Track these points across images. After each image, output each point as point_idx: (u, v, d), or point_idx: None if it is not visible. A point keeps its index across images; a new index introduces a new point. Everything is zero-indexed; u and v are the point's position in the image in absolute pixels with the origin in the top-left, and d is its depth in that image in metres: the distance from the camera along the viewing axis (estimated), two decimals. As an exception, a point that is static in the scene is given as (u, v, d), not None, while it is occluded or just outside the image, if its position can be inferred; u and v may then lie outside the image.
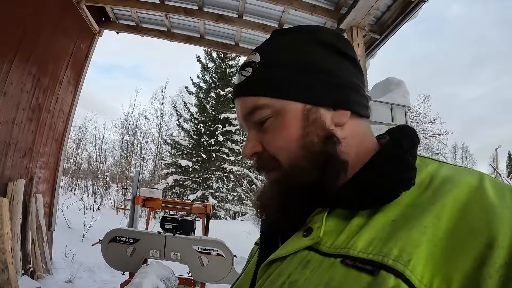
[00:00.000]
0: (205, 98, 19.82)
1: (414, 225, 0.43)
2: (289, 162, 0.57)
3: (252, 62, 0.62)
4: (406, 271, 0.39)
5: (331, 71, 0.59)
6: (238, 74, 0.64)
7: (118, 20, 5.91)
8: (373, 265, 0.42)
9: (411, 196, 0.48)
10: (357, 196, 0.50)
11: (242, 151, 0.63)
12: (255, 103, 0.60)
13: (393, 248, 0.42)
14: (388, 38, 4.72)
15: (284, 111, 0.58)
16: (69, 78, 5.60)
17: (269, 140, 0.60)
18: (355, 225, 0.49)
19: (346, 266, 0.44)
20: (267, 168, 0.61)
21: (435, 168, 0.53)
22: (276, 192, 0.59)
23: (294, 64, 0.59)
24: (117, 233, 3.88)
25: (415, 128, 7.89)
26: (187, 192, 18.15)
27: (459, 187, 0.46)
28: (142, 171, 22.50)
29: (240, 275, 0.71)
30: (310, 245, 0.51)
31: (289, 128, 0.58)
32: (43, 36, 4.72)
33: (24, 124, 4.65)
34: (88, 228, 8.53)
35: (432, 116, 20.04)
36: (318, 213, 0.54)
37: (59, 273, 5.28)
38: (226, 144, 18.99)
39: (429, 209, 0.44)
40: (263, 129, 0.61)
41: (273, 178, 0.61)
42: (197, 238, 3.95)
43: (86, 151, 25.48)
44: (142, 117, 31.72)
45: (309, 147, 0.57)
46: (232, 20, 5.16)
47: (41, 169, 5.25)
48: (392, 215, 0.47)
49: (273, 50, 0.62)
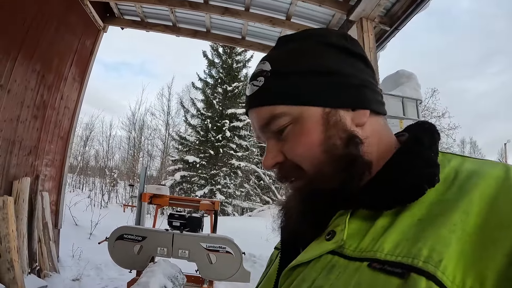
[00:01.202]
0: (212, 93, 19.81)
1: (442, 223, 0.42)
2: (313, 168, 0.56)
3: (263, 71, 0.60)
4: (438, 272, 0.38)
5: (345, 72, 0.59)
6: (249, 85, 0.63)
7: (123, 16, 5.83)
8: (403, 267, 0.40)
9: (436, 193, 0.47)
10: (380, 196, 0.49)
11: (263, 162, 0.62)
12: (271, 113, 0.59)
13: (422, 248, 0.40)
14: (398, 30, 4.62)
15: (303, 118, 0.57)
16: (74, 75, 5.56)
17: (290, 148, 0.58)
18: (380, 226, 0.47)
19: (373, 270, 0.42)
20: (291, 177, 0.61)
21: (458, 163, 0.52)
22: (299, 200, 0.58)
23: (307, 69, 0.58)
24: (123, 231, 3.82)
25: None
26: (194, 188, 18.20)
27: (486, 180, 0.45)
28: (150, 168, 22.62)
29: (260, 281, 0.70)
30: (334, 249, 0.49)
31: (310, 133, 0.57)
32: (47, 33, 4.67)
33: (29, 121, 4.61)
34: (95, 225, 8.54)
35: (440, 111, 19.94)
36: (340, 215, 0.52)
37: (66, 271, 5.26)
38: (233, 139, 18.99)
39: (456, 205, 0.43)
40: (282, 138, 0.59)
41: (297, 186, 0.60)
42: (205, 235, 3.89)
43: (93, 148, 25.70)
44: (149, 113, 31.81)
45: (332, 151, 0.55)
46: (238, 13, 5.06)
47: (46, 167, 5.23)
48: (418, 214, 0.45)
49: (283, 57, 0.61)
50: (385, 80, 8.09)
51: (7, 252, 3.79)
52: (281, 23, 5.11)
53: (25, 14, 4.22)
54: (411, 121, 5.23)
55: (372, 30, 4.35)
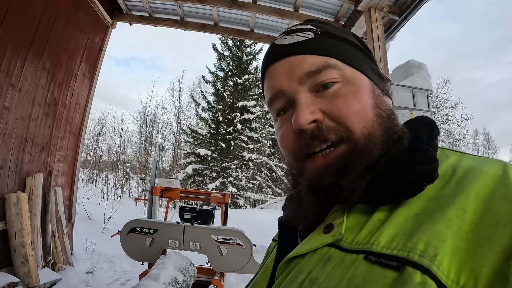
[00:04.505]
0: (222, 86, 19.77)
1: (439, 218, 0.42)
2: (365, 130, 0.53)
3: (310, 28, 0.60)
4: (433, 267, 0.38)
5: (375, 63, 0.63)
6: (289, 36, 0.60)
7: (131, 12, 5.86)
8: (398, 261, 0.40)
9: (434, 189, 0.47)
10: (379, 191, 0.49)
11: (295, 119, 0.54)
12: (326, 61, 0.56)
13: (418, 242, 0.40)
14: (407, 20, 4.53)
15: (355, 79, 0.57)
16: (84, 72, 5.62)
17: (342, 104, 0.54)
18: (377, 220, 0.47)
19: (369, 263, 0.42)
20: (331, 138, 0.54)
21: (456, 159, 0.52)
22: (348, 170, 0.52)
23: (356, 44, 0.61)
24: (135, 224, 3.88)
25: (436, 113, 7.65)
26: (206, 181, 18.28)
27: (483, 178, 0.45)
28: (162, 162, 22.80)
29: (257, 272, 0.69)
30: (331, 242, 0.49)
31: (365, 94, 0.56)
32: (56, 30, 4.72)
33: (40, 119, 4.69)
34: (108, 219, 8.67)
35: (453, 101, 19.64)
36: (338, 209, 0.52)
37: (79, 264, 5.36)
38: (244, 132, 18.98)
39: (453, 201, 0.43)
40: (326, 94, 0.56)
41: (341, 152, 0.54)
42: (216, 227, 3.94)
43: (106, 143, 25.98)
44: (160, 107, 31.96)
45: (382, 118, 0.56)
46: (245, 6, 5.03)
47: (59, 163, 5.32)
48: (415, 209, 0.45)
49: (328, 28, 0.61)
50: (395, 70, 7.96)
51: (21, 247, 3.89)
52: (289, 15, 5.06)
53: (34, 12, 4.26)
54: (421, 112, 5.15)
55: (381, 20, 4.29)
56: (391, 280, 0.39)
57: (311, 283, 0.46)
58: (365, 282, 0.41)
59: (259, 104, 20.17)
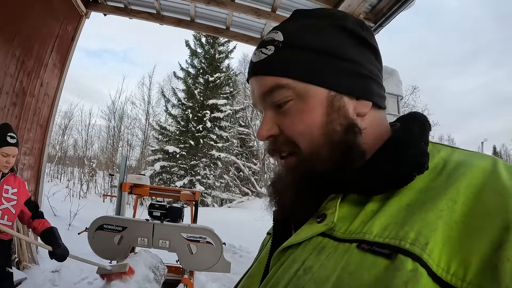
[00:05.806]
0: (193, 83, 19.62)
1: (430, 208, 0.43)
2: (310, 148, 0.56)
3: (275, 40, 0.59)
4: (424, 255, 0.39)
5: (356, 61, 0.58)
6: (257, 52, 0.61)
7: (106, 2, 5.66)
8: (390, 249, 0.41)
9: (425, 181, 0.48)
10: (370, 181, 0.50)
11: (257, 132, 0.62)
12: (276, 82, 0.58)
13: (409, 231, 0.42)
14: (382, 27, 4.65)
15: (307, 95, 0.57)
16: (54, 61, 5.39)
17: (290, 123, 0.58)
18: (370, 210, 0.49)
19: (362, 251, 0.44)
20: (284, 151, 0.60)
21: (447, 153, 0.54)
22: (292, 179, 0.58)
23: (320, 49, 0.57)
24: (104, 221, 3.77)
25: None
26: (174, 178, 18.10)
27: (473, 171, 0.46)
28: (129, 158, 22.29)
29: (252, 264, 0.70)
30: (324, 231, 0.51)
31: (313, 113, 0.56)
32: (28, 17, 4.50)
33: (7, 109, 4.46)
34: (74, 216, 8.40)
35: (420, 107, 20.38)
36: (331, 199, 0.54)
37: (45, 262, 5.14)
38: (214, 130, 18.94)
39: (444, 193, 0.44)
40: (282, 111, 0.59)
41: (290, 164, 0.59)
42: (186, 225, 3.88)
43: (72, 137, 25.00)
44: (129, 102, 31.19)
45: (331, 135, 0.56)
46: (223, 3, 5.00)
47: (25, 156, 5.08)
48: (407, 200, 0.47)
49: (297, 31, 0.59)
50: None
51: (-15, 243, 3.70)
52: (267, 15, 5.09)
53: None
54: (391, 116, 5.33)
55: (357, 25, 4.40)
56: (383, 267, 0.41)
57: (305, 272, 0.47)
58: (358, 269, 0.42)
59: (229, 102, 20.19)
